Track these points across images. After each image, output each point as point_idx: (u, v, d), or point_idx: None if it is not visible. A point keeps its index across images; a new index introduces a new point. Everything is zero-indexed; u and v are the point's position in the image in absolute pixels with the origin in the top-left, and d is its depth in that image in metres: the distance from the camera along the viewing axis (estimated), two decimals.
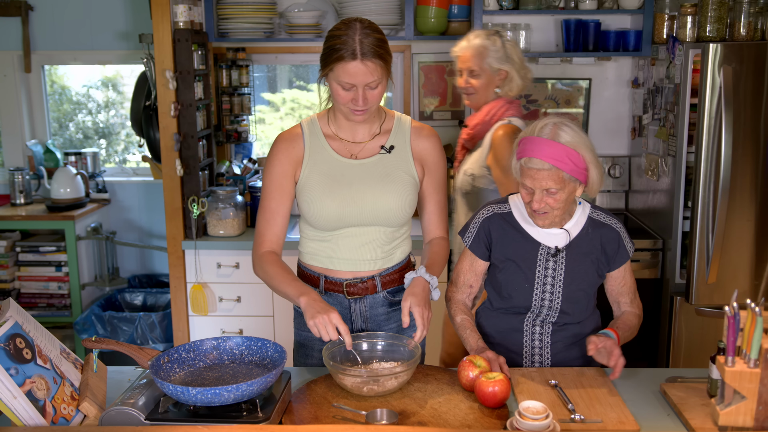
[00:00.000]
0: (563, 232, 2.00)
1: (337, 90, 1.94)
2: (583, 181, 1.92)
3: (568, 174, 1.88)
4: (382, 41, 1.93)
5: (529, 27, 3.69)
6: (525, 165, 1.90)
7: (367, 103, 1.94)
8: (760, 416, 1.55)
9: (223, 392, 1.57)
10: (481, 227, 2.07)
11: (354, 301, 2.10)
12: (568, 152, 1.86)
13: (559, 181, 1.88)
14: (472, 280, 2.11)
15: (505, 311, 2.08)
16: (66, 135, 4.54)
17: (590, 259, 2.01)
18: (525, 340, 2.06)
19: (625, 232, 2.05)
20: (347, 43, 1.87)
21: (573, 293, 2.01)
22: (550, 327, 2.05)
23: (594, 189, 1.96)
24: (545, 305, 2.03)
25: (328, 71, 1.93)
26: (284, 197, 2.06)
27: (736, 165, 3.02)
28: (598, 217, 2.03)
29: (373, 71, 1.90)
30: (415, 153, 2.09)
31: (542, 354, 2.06)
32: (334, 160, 2.05)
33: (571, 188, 1.92)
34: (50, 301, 3.94)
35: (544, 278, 2.01)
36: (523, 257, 2.02)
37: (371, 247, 2.07)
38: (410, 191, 2.07)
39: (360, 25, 1.91)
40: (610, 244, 2.02)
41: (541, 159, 1.86)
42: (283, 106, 4.47)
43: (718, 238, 3.00)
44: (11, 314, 1.65)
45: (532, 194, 1.91)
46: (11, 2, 4.02)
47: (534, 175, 1.89)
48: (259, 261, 2.06)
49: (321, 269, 2.11)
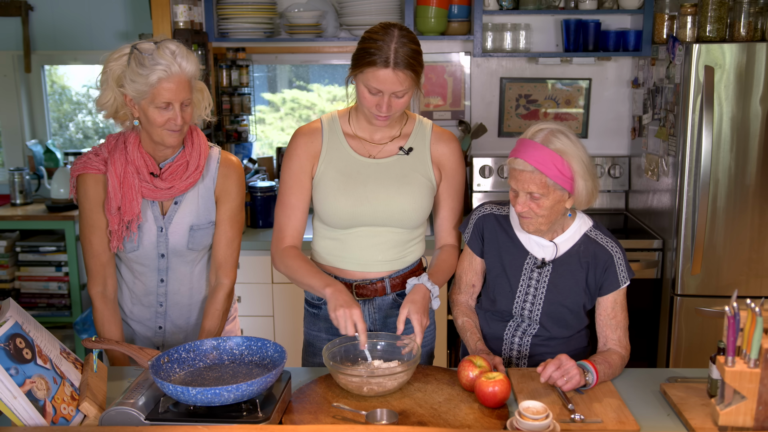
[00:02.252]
0: (552, 245, 1.98)
1: (363, 92, 1.94)
2: (570, 191, 1.89)
3: (552, 180, 1.84)
4: (417, 52, 1.93)
5: (529, 27, 3.69)
6: (510, 165, 1.89)
7: (390, 110, 1.94)
8: (760, 416, 1.55)
9: (223, 392, 1.57)
10: (476, 225, 2.07)
11: (363, 302, 2.10)
12: (554, 158, 1.83)
13: (542, 186, 1.85)
14: (473, 279, 2.11)
15: (491, 314, 2.08)
16: (66, 135, 4.54)
17: (576, 279, 1.97)
18: (504, 348, 2.07)
19: (622, 259, 1.96)
20: (382, 49, 1.87)
21: (554, 308, 1.99)
22: (529, 339, 2.03)
23: (581, 201, 1.90)
24: (525, 315, 2.02)
25: (358, 72, 1.92)
26: (303, 192, 2.07)
27: (733, 163, 3.03)
28: (595, 236, 1.98)
29: (402, 81, 1.90)
30: (434, 157, 2.08)
31: (519, 365, 2.05)
32: (351, 157, 2.05)
33: (556, 197, 1.87)
34: (50, 301, 3.93)
35: (527, 288, 2.00)
36: (510, 263, 2.01)
37: (383, 248, 2.06)
38: (426, 194, 2.06)
39: (399, 32, 1.90)
40: (600, 265, 1.95)
41: (524, 160, 1.85)
42: (283, 106, 4.46)
43: (718, 234, 3.01)
44: (11, 314, 1.65)
45: (517, 196, 1.90)
46: (11, 2, 4.01)
47: (518, 177, 1.88)
48: (281, 256, 2.07)
49: (331, 268, 2.11)
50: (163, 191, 2.02)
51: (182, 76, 1.91)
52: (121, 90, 1.92)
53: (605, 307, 1.98)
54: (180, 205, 2.06)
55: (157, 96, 1.89)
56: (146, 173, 2.01)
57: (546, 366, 1.79)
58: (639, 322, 3.36)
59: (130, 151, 2.00)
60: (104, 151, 2.03)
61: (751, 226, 3.10)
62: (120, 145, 2.02)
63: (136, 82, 1.88)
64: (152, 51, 1.88)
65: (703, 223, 3.04)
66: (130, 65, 1.89)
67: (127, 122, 2.02)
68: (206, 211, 2.09)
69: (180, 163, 2.04)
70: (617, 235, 3.32)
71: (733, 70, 2.99)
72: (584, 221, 2.01)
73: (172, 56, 1.89)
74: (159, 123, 1.93)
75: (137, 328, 2.19)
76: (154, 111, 1.92)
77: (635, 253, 3.30)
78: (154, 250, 2.07)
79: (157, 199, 2.02)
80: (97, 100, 1.98)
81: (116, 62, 1.92)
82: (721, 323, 3.03)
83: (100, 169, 2.01)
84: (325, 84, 4.42)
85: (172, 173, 2.03)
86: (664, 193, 3.30)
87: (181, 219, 2.06)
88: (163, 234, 2.06)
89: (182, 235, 2.07)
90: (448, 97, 3.87)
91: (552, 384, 1.80)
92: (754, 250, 3.11)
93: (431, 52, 3.80)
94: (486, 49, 3.63)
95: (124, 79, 1.91)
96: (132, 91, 1.90)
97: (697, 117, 3.01)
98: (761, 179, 3.06)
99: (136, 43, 1.92)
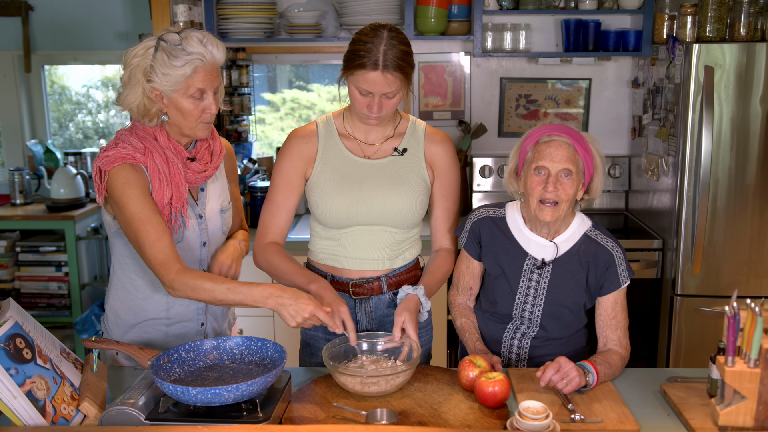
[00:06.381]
0: (552, 245, 1.98)
1: (354, 93, 1.96)
2: (586, 181, 1.91)
3: (582, 162, 1.88)
4: (406, 53, 1.93)
5: (529, 27, 3.69)
6: (542, 143, 1.89)
7: (381, 111, 1.96)
8: (760, 416, 1.55)
9: (223, 392, 1.57)
10: (472, 229, 2.07)
11: (359, 301, 2.11)
12: (583, 142, 1.88)
13: (575, 163, 1.87)
14: (471, 282, 2.12)
15: (490, 315, 2.08)
16: (66, 135, 4.54)
17: (576, 279, 1.97)
18: (503, 350, 2.07)
19: (623, 258, 1.97)
20: (371, 51, 1.88)
21: (555, 309, 1.99)
22: (528, 341, 2.03)
23: (596, 190, 1.95)
24: (525, 317, 2.01)
25: (349, 74, 1.94)
26: (291, 192, 2.08)
27: (733, 163, 3.03)
28: (595, 236, 1.99)
29: (392, 83, 1.91)
30: (427, 157, 2.10)
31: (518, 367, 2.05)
32: (347, 158, 2.06)
33: (578, 182, 1.90)
34: (50, 301, 3.94)
35: (527, 289, 2.00)
36: (509, 265, 2.01)
37: (378, 247, 2.08)
38: (420, 194, 2.08)
39: (388, 34, 1.91)
40: (601, 265, 1.96)
41: (565, 136, 1.87)
42: (283, 106, 4.46)
43: (717, 233, 3.00)
44: (11, 314, 1.65)
45: (546, 180, 1.89)
46: (11, 2, 4.02)
47: (553, 154, 1.88)
48: (263, 251, 2.07)
49: (328, 268, 2.12)
50: (199, 175, 1.97)
51: (215, 63, 1.87)
52: (151, 85, 1.84)
53: (605, 307, 1.98)
54: (207, 191, 2.04)
55: (191, 86, 1.84)
56: (183, 159, 1.95)
57: (545, 369, 1.78)
58: (639, 322, 3.36)
59: (162, 141, 1.93)
60: (135, 141, 1.90)
61: (751, 226, 3.10)
62: (148, 136, 1.92)
63: (169, 75, 1.82)
64: (180, 41, 1.82)
65: (703, 223, 3.04)
66: (158, 58, 1.82)
67: (155, 119, 1.91)
68: (225, 192, 2.10)
69: (204, 147, 2.01)
70: (617, 235, 3.32)
71: (733, 70, 2.99)
72: (583, 220, 2.01)
73: (202, 44, 1.84)
74: (195, 115, 1.88)
75: (175, 331, 2.06)
76: (189, 102, 1.86)
77: (635, 253, 3.30)
78: (197, 239, 2.01)
79: (194, 184, 1.98)
80: (123, 100, 1.88)
81: (142, 57, 1.84)
82: (721, 323, 3.03)
83: (138, 159, 1.88)
84: (325, 84, 4.42)
85: (201, 157, 1.99)
86: (664, 193, 3.30)
87: (212, 204, 2.05)
88: (203, 221, 2.02)
89: (217, 219, 2.06)
90: (448, 97, 3.87)
91: (552, 387, 1.80)
92: (754, 250, 3.11)
93: (431, 52, 3.80)
94: (486, 49, 3.63)
95: (153, 74, 1.83)
96: (165, 84, 1.83)
97: (697, 117, 3.01)
98: (761, 179, 3.06)
99: (160, 34, 1.85)
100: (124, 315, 2.05)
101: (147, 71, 1.83)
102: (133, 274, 2.01)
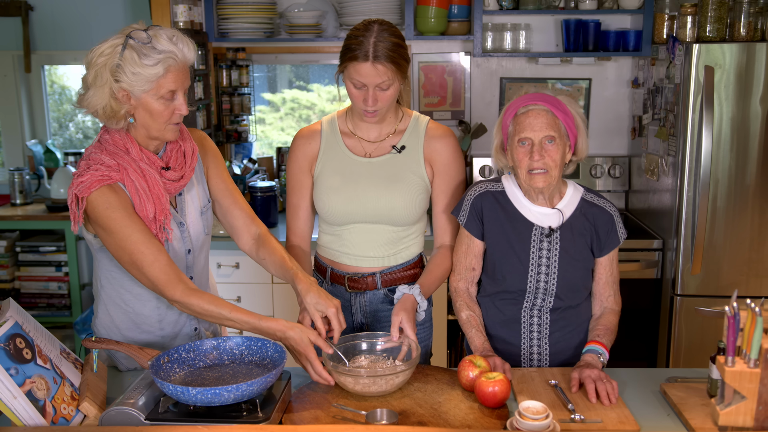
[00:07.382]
0: (556, 212, 1.99)
1: (350, 88, 2.00)
2: (572, 143, 1.94)
3: (564, 127, 1.91)
4: (398, 45, 1.97)
5: (529, 27, 3.69)
6: (521, 114, 1.92)
7: (376, 104, 1.98)
8: (760, 416, 1.55)
9: (223, 392, 1.57)
10: (473, 205, 2.04)
11: (354, 294, 2.16)
12: (561, 106, 1.91)
13: (557, 129, 1.90)
14: (473, 262, 2.07)
15: (500, 298, 2.05)
16: (66, 135, 4.54)
17: (584, 240, 2.00)
18: (523, 331, 2.04)
19: (618, 216, 2.03)
20: (362, 44, 1.93)
21: (569, 275, 1.99)
22: (548, 316, 2.03)
23: (582, 150, 1.98)
24: (540, 288, 2.00)
25: (343, 69, 1.99)
26: (303, 192, 2.16)
27: (733, 163, 3.03)
28: (591, 199, 2.03)
29: (382, 73, 1.93)
30: (426, 154, 2.11)
31: (540, 345, 2.05)
32: (347, 157, 2.11)
33: (563, 146, 1.92)
34: (50, 301, 3.94)
35: (538, 259, 1.99)
36: (516, 238, 2.00)
37: (375, 245, 2.11)
38: (417, 192, 2.08)
39: (378, 27, 1.96)
40: (603, 226, 2.00)
41: (541, 103, 1.90)
42: (283, 106, 4.47)
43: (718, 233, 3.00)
44: (11, 314, 1.65)
45: (531, 150, 1.91)
46: (11, 2, 4.02)
47: (533, 123, 1.90)
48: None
49: (329, 261, 2.20)
50: (177, 183, 1.89)
51: (186, 62, 1.80)
52: (119, 84, 1.74)
53: (605, 265, 2.03)
54: (184, 195, 1.97)
55: (162, 86, 1.76)
56: (158, 169, 1.86)
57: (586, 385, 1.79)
58: (639, 322, 3.36)
59: (134, 153, 1.84)
60: (107, 159, 1.82)
61: (751, 226, 3.10)
62: (119, 150, 1.83)
63: (140, 74, 1.73)
64: (149, 39, 1.74)
65: (703, 223, 3.04)
66: (127, 57, 1.72)
67: (122, 122, 1.80)
68: (203, 191, 2.02)
69: (175, 149, 1.92)
70: None
71: (733, 70, 2.99)
72: (576, 187, 2.05)
73: (172, 42, 1.76)
74: (164, 116, 1.79)
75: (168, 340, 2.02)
76: (159, 103, 1.77)
77: (635, 253, 3.30)
78: (182, 248, 1.95)
79: (173, 193, 1.90)
80: (88, 102, 1.78)
81: (109, 56, 1.73)
82: (721, 323, 3.03)
83: (114, 177, 1.80)
84: (325, 84, 4.42)
85: (175, 163, 1.91)
86: (664, 193, 3.30)
87: (191, 208, 1.98)
88: (185, 228, 1.96)
89: (198, 224, 1.99)
90: (448, 97, 3.87)
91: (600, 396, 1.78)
92: (754, 250, 3.11)
93: (431, 52, 3.80)
94: (486, 49, 3.63)
95: (122, 73, 1.73)
96: (134, 84, 1.74)
97: (697, 117, 3.01)
98: (761, 179, 3.06)
99: (128, 32, 1.75)
100: (116, 329, 2.00)
101: (114, 70, 1.73)
102: (122, 288, 1.96)
